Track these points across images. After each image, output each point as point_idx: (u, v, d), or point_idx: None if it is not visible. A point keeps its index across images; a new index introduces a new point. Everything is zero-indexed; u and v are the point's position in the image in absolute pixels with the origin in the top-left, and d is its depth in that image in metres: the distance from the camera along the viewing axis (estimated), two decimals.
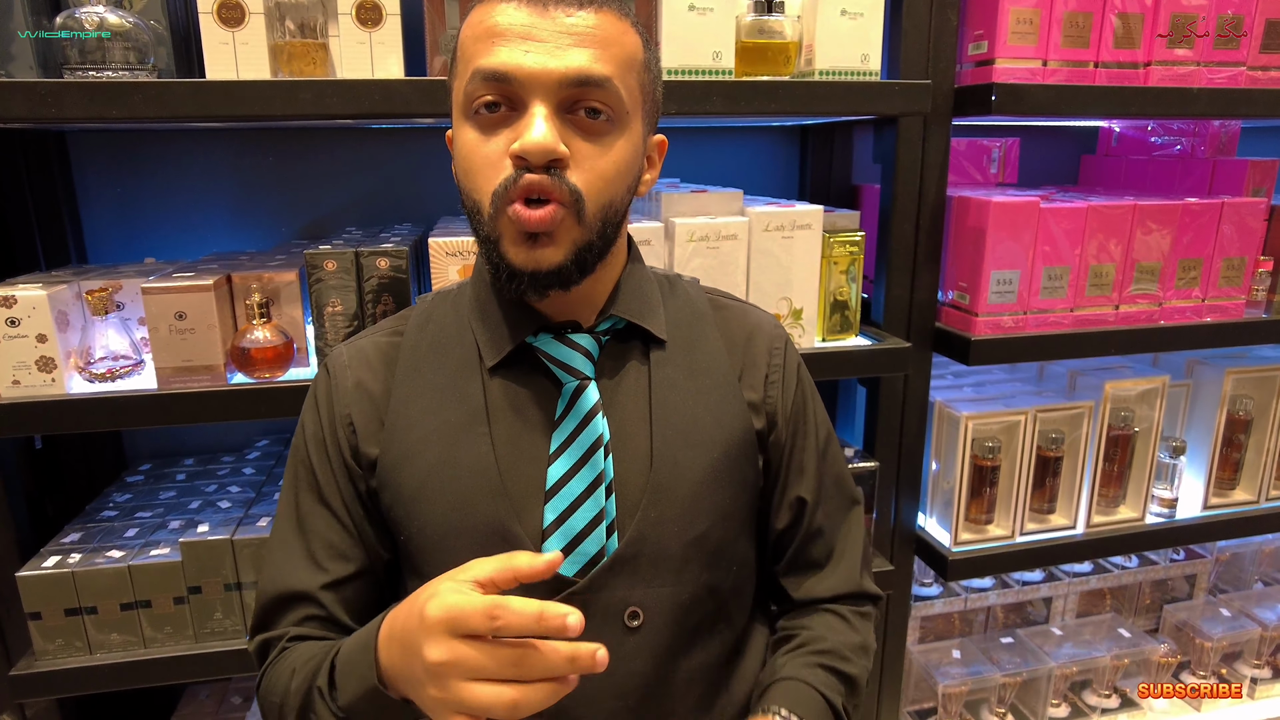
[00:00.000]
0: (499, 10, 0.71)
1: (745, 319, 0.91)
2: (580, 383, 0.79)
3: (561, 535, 0.76)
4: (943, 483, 1.53)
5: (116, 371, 1.14)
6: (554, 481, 0.77)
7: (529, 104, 0.70)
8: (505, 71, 0.69)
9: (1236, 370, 1.58)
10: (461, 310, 0.84)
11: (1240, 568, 1.99)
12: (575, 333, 0.80)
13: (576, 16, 0.70)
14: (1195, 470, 1.65)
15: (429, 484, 0.78)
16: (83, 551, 1.21)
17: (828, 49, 1.23)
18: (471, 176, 0.73)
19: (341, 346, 0.87)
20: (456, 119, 0.75)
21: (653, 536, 0.78)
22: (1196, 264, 1.47)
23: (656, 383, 0.82)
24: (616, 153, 0.73)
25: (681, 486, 0.79)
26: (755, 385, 0.87)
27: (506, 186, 0.70)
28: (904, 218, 1.39)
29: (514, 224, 0.71)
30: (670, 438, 0.80)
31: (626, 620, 0.77)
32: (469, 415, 0.79)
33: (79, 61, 1.04)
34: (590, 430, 0.78)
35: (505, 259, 0.73)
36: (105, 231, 1.45)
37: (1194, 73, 1.38)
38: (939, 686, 1.62)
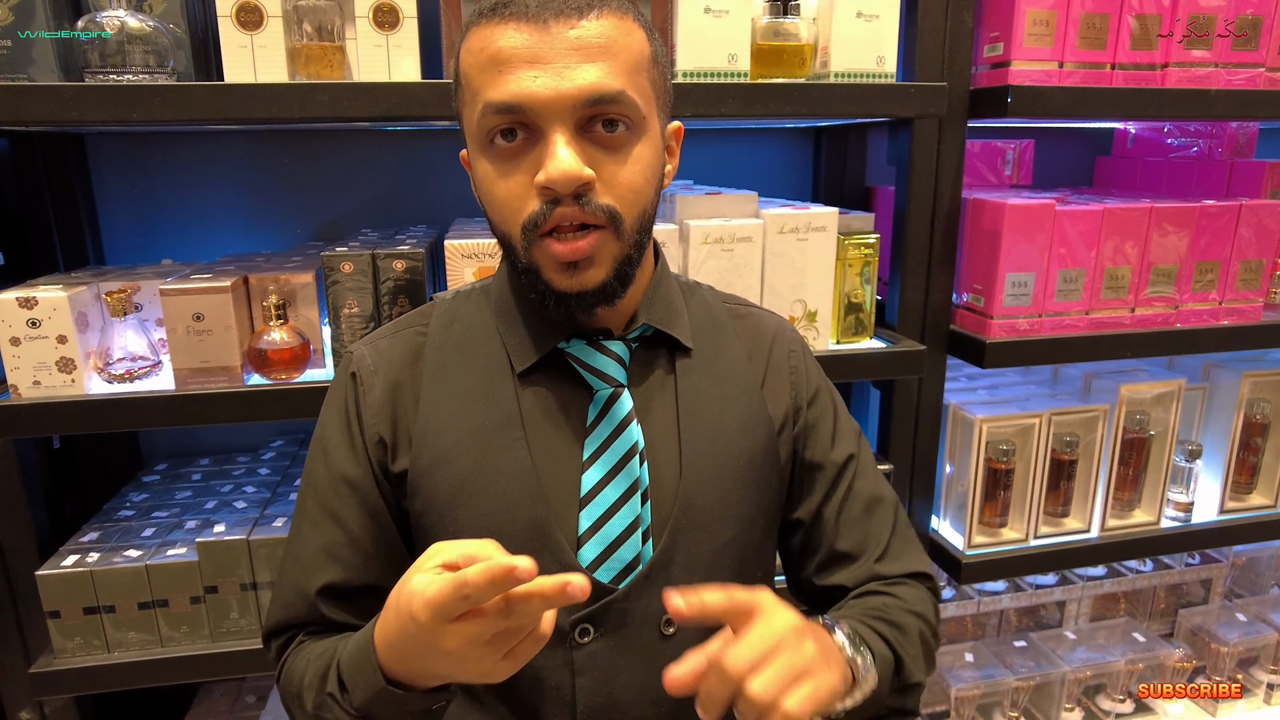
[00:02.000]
0: (498, 34, 0.68)
1: (762, 325, 0.91)
2: (614, 390, 0.79)
3: (597, 542, 0.76)
4: (956, 485, 1.53)
5: (135, 372, 1.15)
6: (589, 488, 0.77)
7: (546, 131, 0.68)
8: (517, 103, 0.67)
9: (1254, 373, 1.57)
10: (486, 312, 0.83)
11: (1257, 572, 1.98)
12: (608, 339, 0.80)
13: (579, 28, 0.68)
14: (1211, 474, 1.64)
15: (465, 490, 0.77)
16: (101, 551, 1.22)
17: (843, 51, 1.23)
18: (496, 210, 0.72)
19: (363, 348, 0.84)
20: (472, 148, 0.74)
21: (684, 544, 0.78)
22: (1214, 266, 1.46)
23: (683, 390, 0.82)
24: (641, 159, 0.72)
25: (711, 494, 0.79)
26: (780, 391, 0.87)
27: (537, 221, 0.69)
28: (919, 220, 1.39)
29: (550, 256, 0.71)
30: (698, 445, 0.80)
31: (663, 628, 0.77)
32: (503, 419, 0.78)
33: (99, 65, 1.05)
34: (626, 437, 0.77)
35: (549, 286, 0.72)
36: (123, 233, 1.46)
37: (1212, 74, 1.37)
38: (951, 690, 1.61)
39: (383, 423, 0.80)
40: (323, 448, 0.83)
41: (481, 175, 0.73)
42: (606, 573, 0.76)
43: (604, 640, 0.76)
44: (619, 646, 0.76)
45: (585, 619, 0.76)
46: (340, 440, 0.82)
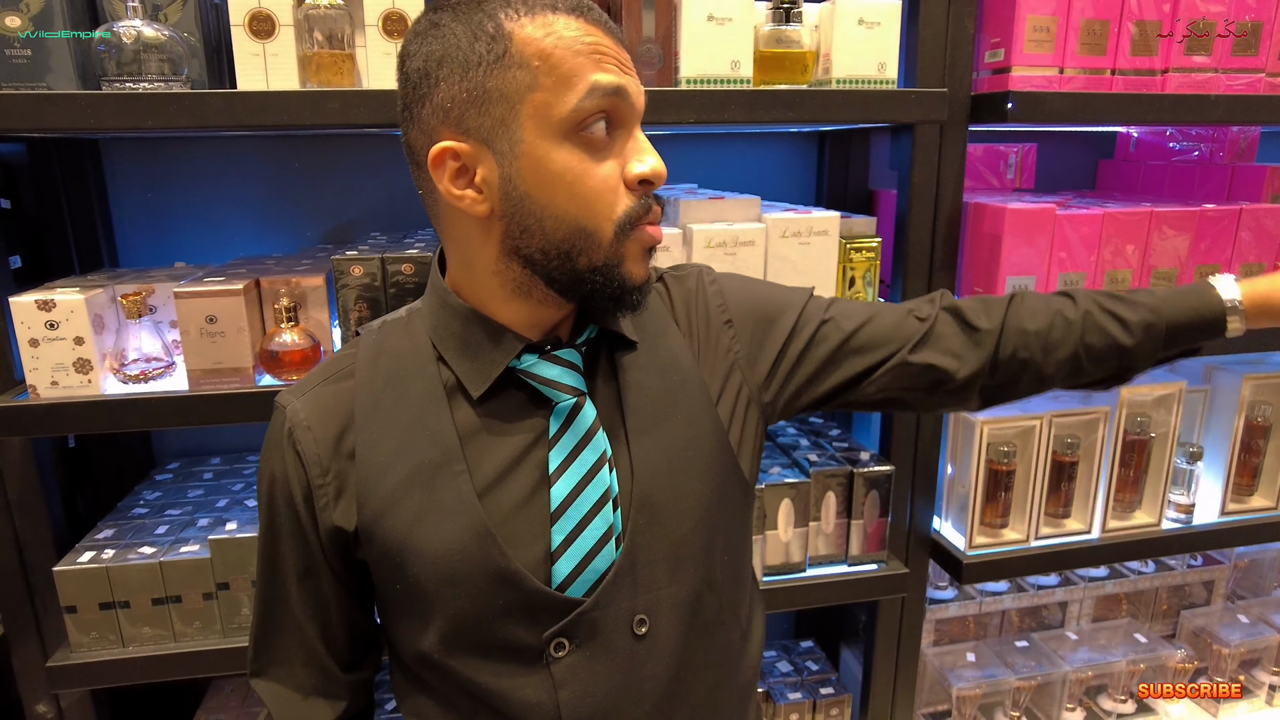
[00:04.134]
0: (586, 28, 0.69)
1: (683, 285, 0.90)
2: (576, 400, 0.77)
3: (572, 555, 0.75)
4: (958, 487, 1.54)
5: (149, 373, 1.17)
6: (559, 502, 0.75)
7: (630, 127, 0.71)
8: (624, 88, 0.70)
9: (1255, 376, 1.58)
10: (418, 339, 0.79)
11: (1260, 574, 1.98)
12: (558, 349, 0.78)
13: (622, 47, 0.73)
14: (1213, 476, 1.64)
15: (415, 535, 0.74)
16: (116, 548, 1.24)
17: (845, 57, 1.25)
18: (585, 203, 0.70)
19: (295, 400, 0.79)
20: (540, 136, 0.68)
21: (645, 543, 0.78)
22: (1214, 270, 1.47)
23: (625, 387, 0.81)
24: None
25: (665, 490, 0.79)
26: (719, 345, 0.87)
27: (637, 216, 0.72)
28: (920, 224, 1.40)
29: (643, 244, 0.73)
30: (646, 443, 0.80)
31: (635, 629, 0.77)
32: (442, 454, 0.75)
33: (116, 73, 1.08)
34: (593, 446, 0.76)
35: (628, 278, 0.73)
36: (137, 235, 1.49)
37: (1212, 79, 1.38)
38: (953, 689, 1.63)
39: (328, 480, 0.77)
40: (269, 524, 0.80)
41: (562, 166, 0.68)
42: (583, 584, 0.76)
43: (579, 651, 0.76)
44: (595, 654, 0.77)
45: (558, 633, 0.75)
46: (285, 517, 0.79)
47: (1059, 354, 0.89)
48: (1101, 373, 0.91)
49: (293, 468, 0.77)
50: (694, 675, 0.82)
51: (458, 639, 0.76)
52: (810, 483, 1.42)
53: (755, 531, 1.40)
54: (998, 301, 0.92)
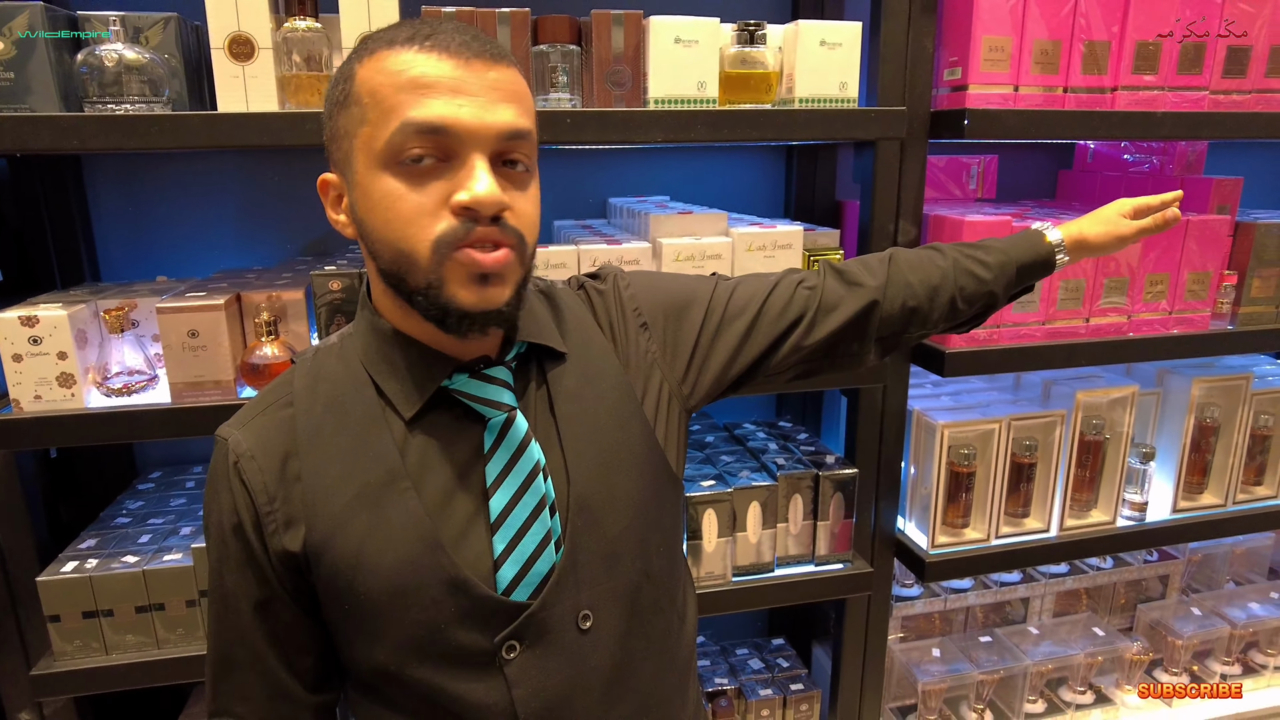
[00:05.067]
0: (420, 61, 0.71)
1: (601, 294, 0.94)
2: (508, 414, 0.80)
3: (514, 561, 0.79)
4: (920, 488, 1.60)
5: (132, 386, 1.20)
6: (498, 512, 0.79)
7: (466, 157, 0.71)
8: (443, 124, 0.70)
9: (1204, 379, 1.65)
10: (352, 363, 0.82)
11: (1213, 568, 2.06)
12: (489, 367, 0.81)
13: (495, 72, 0.72)
14: (1165, 475, 1.71)
15: (365, 553, 0.77)
16: (99, 557, 1.27)
17: (807, 77, 1.30)
18: (398, 226, 0.72)
19: (237, 431, 0.81)
20: (365, 166, 0.73)
21: (584, 544, 0.82)
22: (1163, 278, 1.54)
23: (557, 397, 0.84)
24: (534, 198, 0.78)
25: (599, 492, 0.83)
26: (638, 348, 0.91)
27: (455, 238, 0.71)
28: (882, 235, 1.45)
29: (466, 267, 0.72)
30: (580, 449, 0.83)
31: (579, 624, 0.81)
32: (387, 474, 0.78)
33: (98, 95, 1.10)
34: (527, 457, 0.80)
35: (454, 302, 0.73)
36: (118, 249, 1.51)
37: (1159, 97, 1.44)
38: (919, 684, 1.68)
39: (277, 506, 0.79)
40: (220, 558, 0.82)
41: (381, 193, 0.72)
42: (526, 588, 0.80)
43: (529, 651, 0.80)
44: (544, 652, 0.80)
45: (509, 636, 0.79)
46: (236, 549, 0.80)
47: (940, 299, 1.02)
48: (972, 312, 1.06)
49: (240, 498, 0.79)
50: (637, 661, 0.86)
51: (413, 650, 0.79)
52: (778, 485, 1.47)
53: (726, 533, 1.45)
54: (878, 259, 1.04)
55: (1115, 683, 1.82)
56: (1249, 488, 1.75)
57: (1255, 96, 1.50)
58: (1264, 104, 1.51)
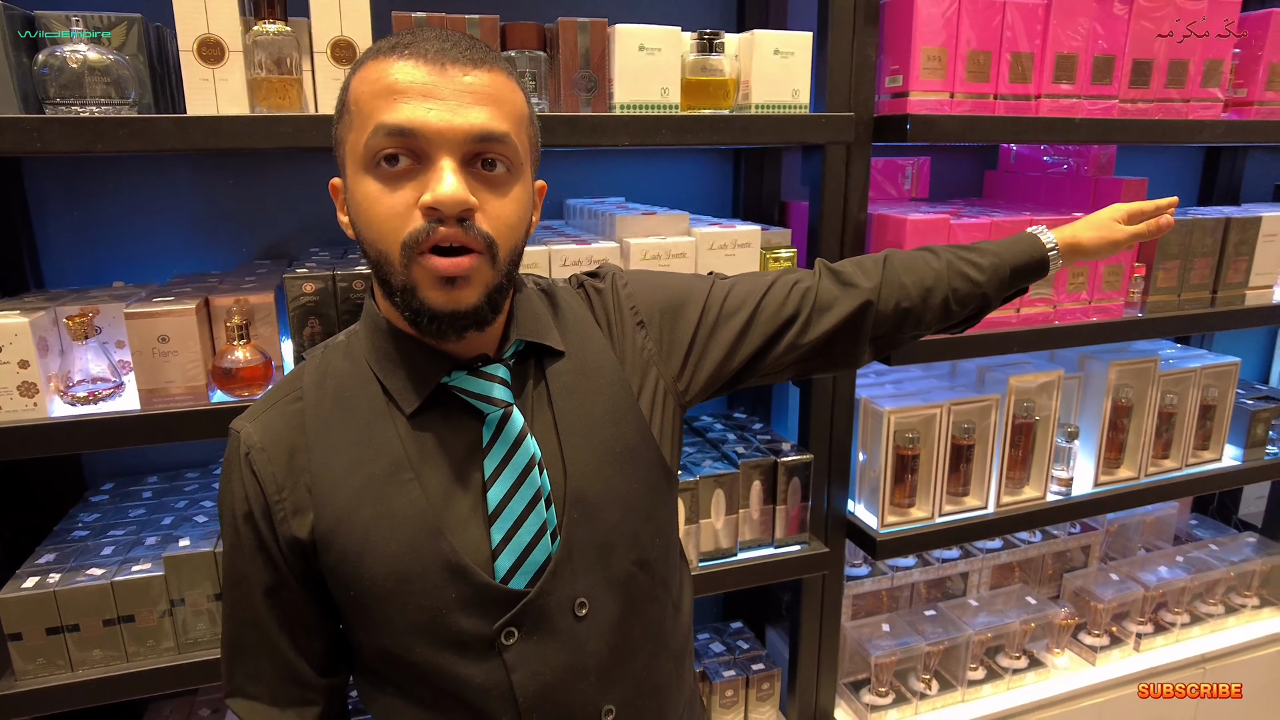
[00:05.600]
0: (396, 68, 0.74)
1: (600, 292, 0.97)
2: (504, 410, 0.83)
3: (511, 551, 0.82)
4: (869, 471, 1.69)
5: (98, 394, 1.18)
6: (495, 504, 0.82)
7: (435, 158, 0.73)
8: (411, 127, 0.72)
9: (1119, 363, 1.80)
10: (358, 360, 0.85)
11: (1127, 537, 2.23)
12: (487, 364, 0.84)
13: (472, 76, 0.75)
14: (1087, 452, 1.86)
15: (370, 540, 0.80)
16: (60, 571, 1.23)
17: (762, 84, 1.37)
18: (375, 228, 0.75)
19: (248, 424, 0.85)
20: (352, 171, 0.77)
21: (580, 535, 0.85)
22: (1083, 271, 1.67)
23: (555, 393, 0.88)
24: (515, 200, 0.79)
25: (596, 485, 0.86)
26: (635, 345, 0.94)
27: (419, 238, 0.73)
28: (830, 234, 1.53)
29: (429, 271, 0.74)
30: (577, 444, 0.87)
31: (576, 611, 0.85)
32: (391, 465, 0.81)
33: (58, 96, 1.08)
34: (523, 451, 0.83)
35: (425, 304, 0.75)
36: (63, 255, 1.46)
37: (1076, 105, 1.57)
38: (872, 658, 1.78)
39: (282, 497, 0.82)
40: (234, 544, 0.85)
41: (362, 195, 0.76)
42: (523, 577, 0.83)
43: (528, 637, 0.83)
44: (542, 639, 0.84)
45: (508, 623, 0.82)
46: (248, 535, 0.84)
47: (933, 300, 1.06)
48: (965, 313, 1.10)
49: (250, 488, 0.83)
50: (632, 647, 0.90)
51: (416, 634, 0.82)
52: (739, 473, 1.54)
53: (690, 520, 1.51)
54: (873, 260, 1.07)
55: (1046, 647, 1.96)
56: (1158, 461, 1.91)
57: (1157, 105, 1.65)
58: (1164, 112, 1.66)
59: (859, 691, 1.83)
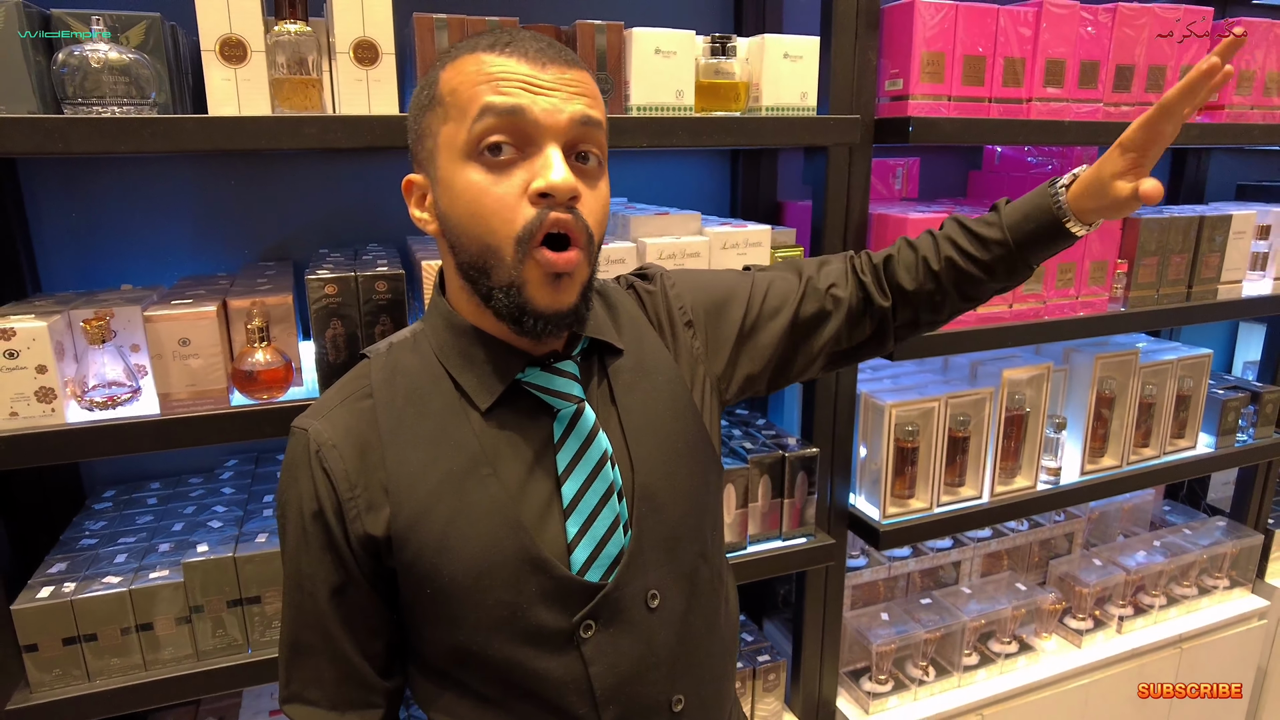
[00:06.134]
0: (497, 61, 0.75)
1: (650, 293, 0.99)
2: (577, 406, 0.85)
3: (586, 544, 0.84)
4: (870, 464, 1.73)
5: (116, 399, 1.16)
6: (570, 498, 0.83)
7: (542, 144, 0.75)
8: (520, 107, 0.74)
9: (1103, 355, 1.87)
10: (427, 357, 0.86)
11: (1107, 524, 2.32)
12: (557, 360, 0.86)
13: (570, 74, 0.78)
14: (1073, 442, 1.93)
15: (450, 535, 0.81)
16: (75, 580, 1.21)
17: (773, 87, 1.40)
18: (484, 220, 0.75)
19: (315, 422, 0.84)
20: (450, 162, 0.77)
21: (650, 529, 0.87)
22: (1071, 267, 1.73)
23: (618, 390, 0.90)
24: (605, 192, 0.82)
25: (661, 480, 0.88)
26: (685, 344, 0.97)
27: (533, 229, 0.74)
28: (833, 233, 1.57)
29: (541, 267, 0.75)
30: (642, 439, 0.89)
31: (648, 603, 0.87)
32: (469, 461, 0.82)
33: (77, 96, 1.06)
34: (596, 446, 0.85)
35: (531, 303, 0.77)
36: (61, 258, 1.43)
37: (1064, 108, 1.63)
38: (872, 646, 1.82)
39: (358, 494, 0.82)
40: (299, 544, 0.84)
41: (464, 186, 0.75)
42: (598, 569, 0.84)
43: (604, 630, 0.84)
44: (618, 631, 0.85)
45: (587, 615, 0.84)
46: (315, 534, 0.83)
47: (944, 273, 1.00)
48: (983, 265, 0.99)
49: (322, 486, 0.82)
50: (695, 637, 0.92)
51: (494, 630, 0.83)
52: (749, 468, 1.56)
53: None
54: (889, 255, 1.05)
55: (1034, 631, 2.03)
56: (1138, 449, 1.99)
57: (1138, 108, 1.72)
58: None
59: (859, 680, 1.87)
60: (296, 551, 0.85)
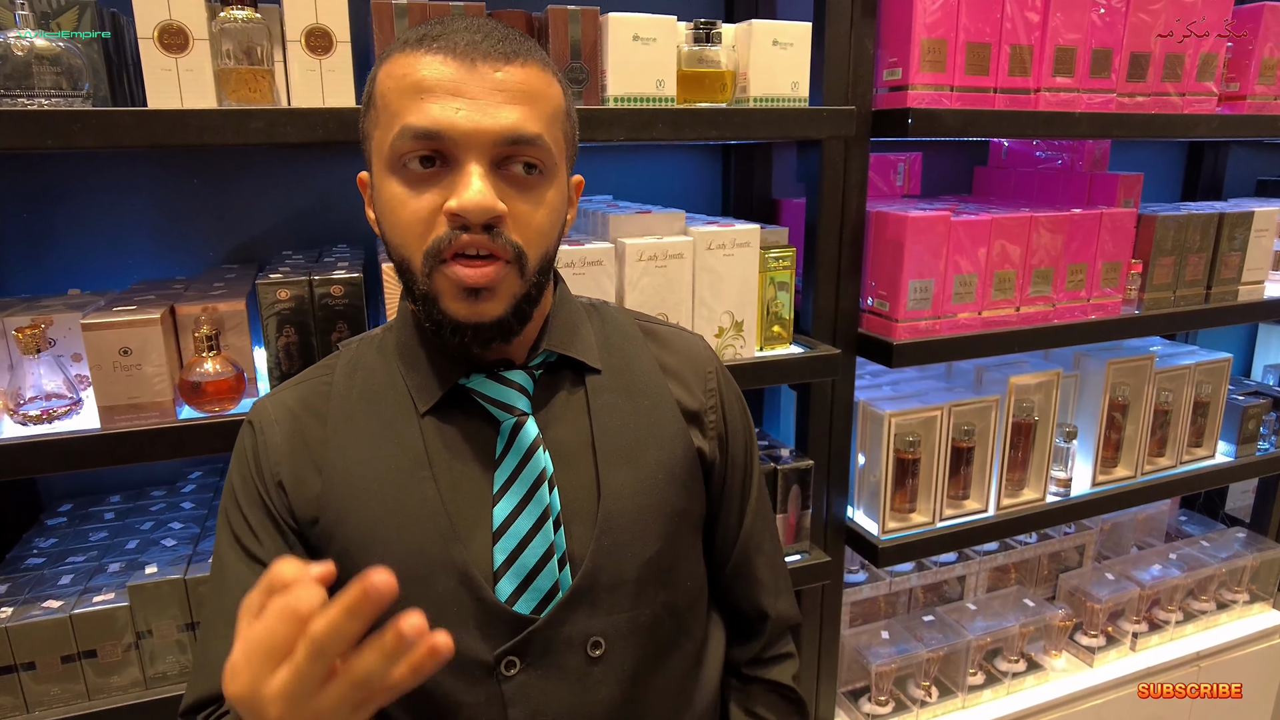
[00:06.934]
0: (423, 64, 0.70)
1: (677, 343, 0.93)
2: (518, 419, 0.79)
3: (514, 574, 0.77)
4: (869, 476, 1.64)
5: (53, 412, 1.08)
6: (501, 520, 0.77)
7: (463, 162, 0.70)
8: (437, 130, 0.68)
9: (1116, 361, 1.77)
10: (388, 356, 0.84)
11: (1120, 536, 2.22)
12: (508, 370, 0.81)
13: (504, 72, 0.70)
14: (1084, 452, 1.83)
15: (377, 534, 0.77)
16: (14, 604, 1.14)
17: (761, 77, 1.31)
18: (399, 232, 0.72)
19: (265, 400, 0.84)
20: (378, 169, 0.74)
21: (608, 565, 0.79)
22: (1082, 268, 1.64)
23: (595, 409, 0.83)
24: (549, 204, 0.75)
25: (630, 511, 0.80)
26: (694, 409, 0.90)
27: (441, 246, 0.70)
28: (829, 233, 1.48)
29: (453, 281, 0.71)
30: (614, 462, 0.81)
31: (589, 651, 0.78)
32: (410, 461, 0.78)
33: (3, 88, 0.99)
34: (533, 465, 0.78)
35: (446, 314, 0.72)
36: (12, 260, 1.36)
37: (1075, 98, 1.54)
38: (871, 666, 1.73)
39: (283, 469, 0.80)
40: (233, 501, 0.82)
41: (387, 197, 0.72)
42: (526, 604, 0.77)
43: (531, 670, 0.77)
44: (547, 674, 0.77)
45: (509, 650, 0.76)
46: (248, 498, 0.81)
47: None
48: None
49: (254, 456, 0.81)
50: (649, 700, 0.83)
51: None
52: None
53: None
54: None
55: (1043, 649, 1.93)
56: (1153, 459, 1.89)
57: (1154, 99, 1.63)
58: (1160, 106, 1.63)
59: (858, 700, 1.79)
60: (227, 519, 0.82)
